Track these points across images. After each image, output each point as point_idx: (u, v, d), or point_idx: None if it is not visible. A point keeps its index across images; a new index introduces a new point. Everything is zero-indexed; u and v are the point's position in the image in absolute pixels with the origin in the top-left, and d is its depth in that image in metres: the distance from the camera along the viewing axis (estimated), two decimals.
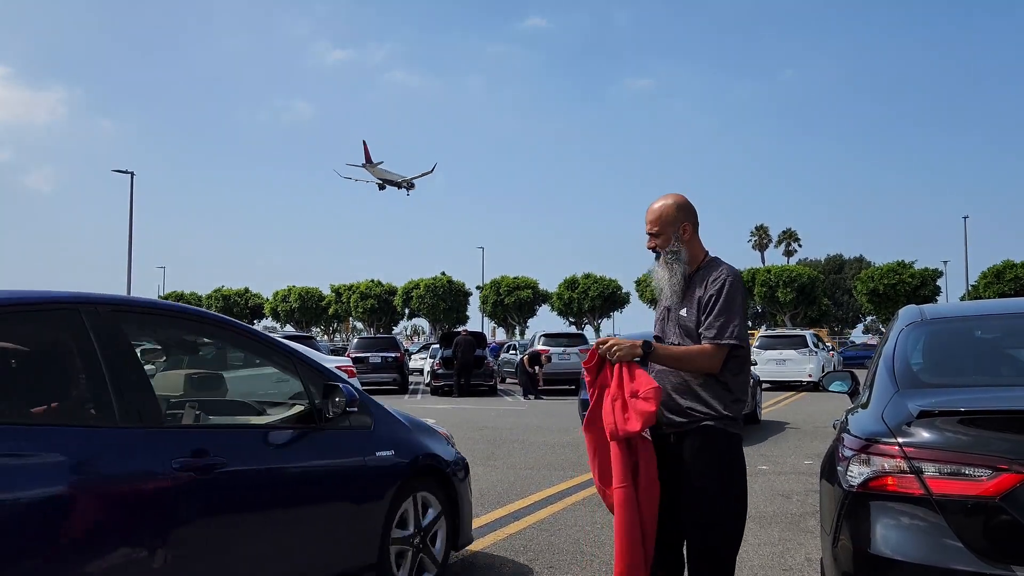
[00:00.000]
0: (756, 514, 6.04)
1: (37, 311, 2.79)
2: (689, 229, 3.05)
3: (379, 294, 60.05)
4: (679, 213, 3.04)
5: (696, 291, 2.96)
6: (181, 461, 2.82)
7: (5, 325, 2.66)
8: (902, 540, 2.51)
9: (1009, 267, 44.78)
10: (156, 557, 2.70)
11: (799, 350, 21.42)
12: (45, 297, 2.84)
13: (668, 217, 3.04)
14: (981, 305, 4.09)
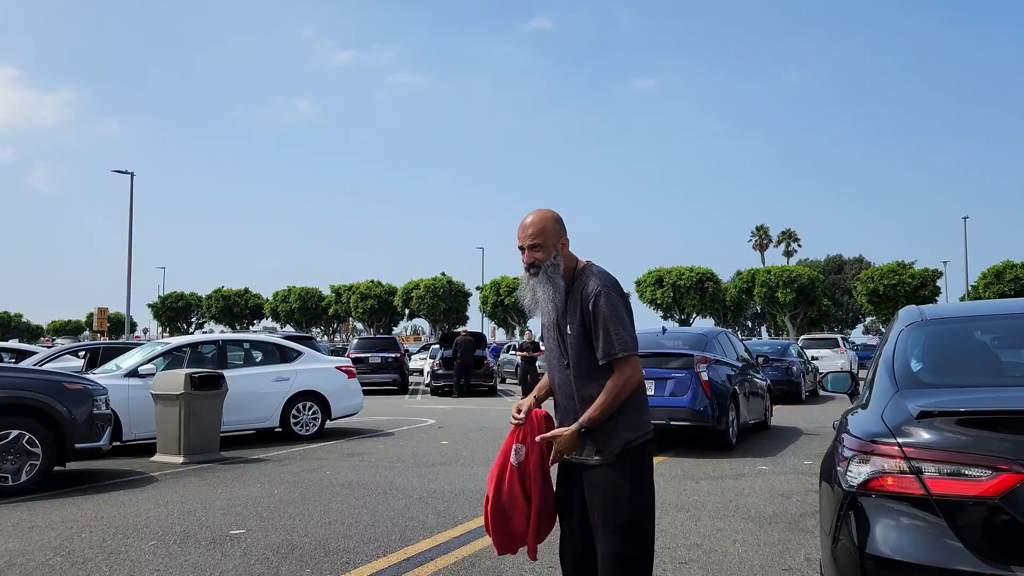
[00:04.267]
0: (756, 514, 6.04)
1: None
2: (567, 241, 3.01)
3: (379, 294, 60.02)
4: (557, 226, 2.98)
5: (577, 303, 2.92)
6: None
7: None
8: (902, 540, 2.51)
9: (1009, 267, 44.75)
10: None
11: (833, 349, 25.85)
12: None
13: (549, 230, 2.96)
14: (981, 306, 4.09)
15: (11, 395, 7.26)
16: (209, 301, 68.05)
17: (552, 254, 2.95)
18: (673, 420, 9.42)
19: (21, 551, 5.11)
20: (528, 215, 3.01)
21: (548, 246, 2.96)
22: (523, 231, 2.97)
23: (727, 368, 10.38)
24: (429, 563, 4.71)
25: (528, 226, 2.97)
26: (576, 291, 2.94)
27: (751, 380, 11.32)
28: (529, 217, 3.00)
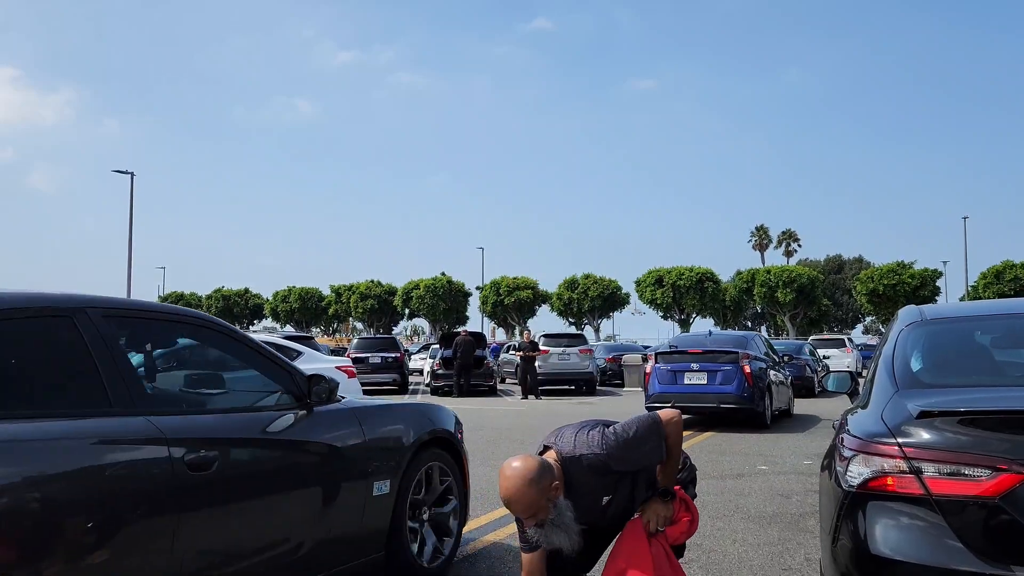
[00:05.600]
0: (756, 514, 6.04)
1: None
2: (558, 485, 2.82)
3: (379, 294, 60.04)
4: (539, 485, 2.73)
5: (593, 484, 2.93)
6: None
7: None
8: (902, 540, 2.51)
9: (1009, 267, 44.80)
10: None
11: (840, 349, 28.65)
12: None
13: (534, 499, 2.74)
14: (981, 305, 4.09)
15: None
16: (209, 301, 68.10)
17: (549, 508, 2.80)
18: (723, 403, 11.85)
19: None
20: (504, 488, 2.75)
21: (542, 508, 2.78)
22: (509, 508, 2.81)
23: (761, 363, 12.51)
24: None
25: (511, 505, 2.78)
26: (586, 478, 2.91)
27: (778, 374, 13.46)
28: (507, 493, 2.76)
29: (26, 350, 2.84)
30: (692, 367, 12.19)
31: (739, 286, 54.29)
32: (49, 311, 2.90)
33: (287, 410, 3.56)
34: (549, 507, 2.78)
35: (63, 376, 2.89)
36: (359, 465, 3.79)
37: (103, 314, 3.04)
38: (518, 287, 54.76)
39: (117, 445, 2.77)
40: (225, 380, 3.77)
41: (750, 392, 11.80)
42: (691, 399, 12.02)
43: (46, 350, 2.88)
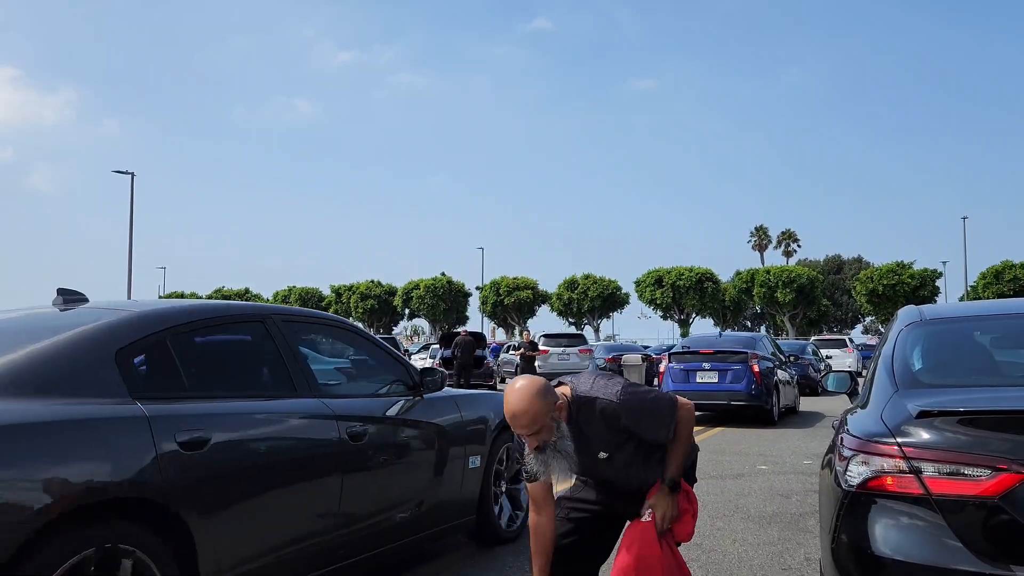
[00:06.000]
0: (756, 514, 6.05)
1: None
2: (562, 405, 2.82)
3: (379, 294, 60.08)
4: (545, 399, 2.73)
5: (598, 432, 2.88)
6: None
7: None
8: (901, 540, 2.51)
9: (1008, 267, 44.84)
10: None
11: (842, 349, 29.70)
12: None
13: (539, 412, 2.72)
14: (980, 305, 4.09)
15: None
16: None
17: (553, 428, 2.78)
18: (733, 401, 12.56)
19: None
20: (511, 401, 2.74)
21: (547, 426, 2.76)
22: (514, 423, 2.74)
23: (769, 362, 13.22)
24: (429, 563, 4.72)
25: (517, 416, 2.71)
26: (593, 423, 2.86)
27: (785, 373, 14.16)
28: (513, 405, 2.73)
29: (235, 347, 3.75)
30: (704, 366, 12.90)
31: (739, 286, 54.32)
32: (248, 317, 3.80)
33: (406, 396, 4.38)
34: (553, 427, 2.77)
35: (261, 366, 3.76)
36: (459, 442, 4.63)
37: (283, 319, 3.89)
38: (518, 287, 54.78)
39: (304, 419, 3.60)
40: (360, 370, 4.73)
41: (759, 390, 12.50)
42: (703, 397, 12.64)
43: (249, 347, 3.77)
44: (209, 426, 3.12)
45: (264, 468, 3.35)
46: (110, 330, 3.14)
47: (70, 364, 2.92)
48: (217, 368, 3.58)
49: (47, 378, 2.84)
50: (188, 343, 3.40)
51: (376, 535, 3.94)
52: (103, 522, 2.72)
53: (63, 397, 2.80)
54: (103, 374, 2.96)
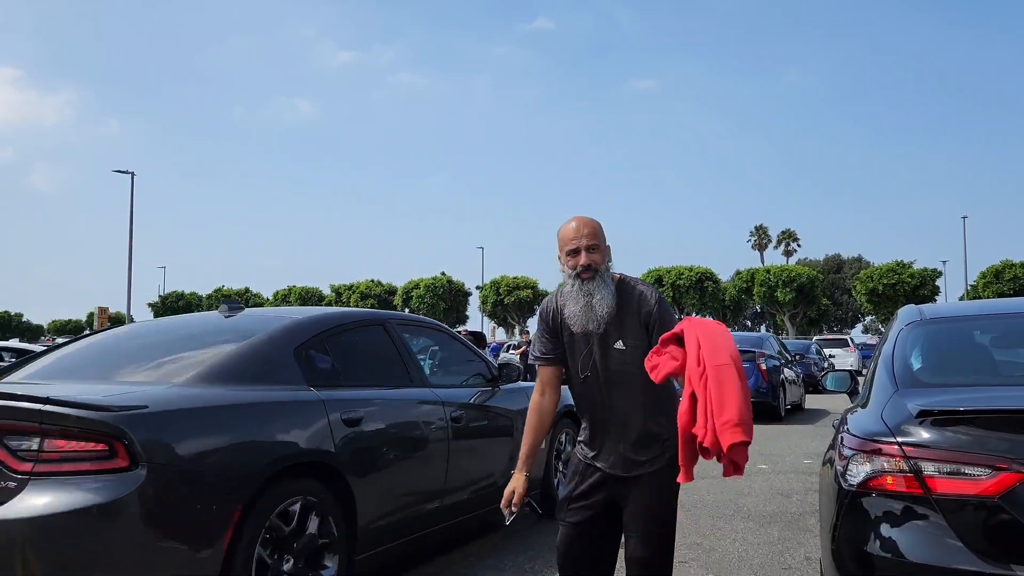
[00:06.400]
0: (756, 513, 6.05)
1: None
2: (610, 251, 2.82)
3: (379, 294, 60.10)
4: (603, 231, 2.80)
5: (635, 314, 2.75)
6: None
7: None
8: (901, 540, 2.52)
9: (1008, 267, 44.80)
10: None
11: (844, 348, 30.86)
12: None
13: (601, 233, 2.77)
14: (980, 305, 4.09)
15: None
16: (209, 300, 68.11)
17: (607, 259, 2.78)
18: None
19: None
20: (571, 219, 2.79)
21: (602, 250, 2.76)
22: (577, 232, 2.74)
23: (775, 361, 13.90)
24: (428, 563, 4.72)
25: (583, 226, 2.75)
26: (627, 302, 2.76)
27: (790, 371, 14.86)
28: (576, 220, 2.78)
29: (368, 345, 4.49)
30: None
31: (739, 286, 54.30)
32: (373, 321, 4.61)
33: (487, 387, 5.13)
34: (608, 253, 2.77)
35: (386, 361, 4.50)
36: None
37: (397, 323, 4.77)
38: (518, 286, 54.78)
39: (421, 405, 4.41)
40: (452, 365, 5.36)
41: (766, 388, 13.17)
42: None
43: (377, 345, 4.52)
44: (360, 408, 3.93)
45: (397, 442, 4.14)
46: (288, 332, 3.94)
47: (266, 359, 3.75)
48: (358, 362, 4.39)
49: (253, 370, 3.64)
50: (338, 342, 4.23)
51: (463, 504, 4.66)
52: (300, 479, 3.50)
53: (265, 384, 3.61)
54: (288, 367, 3.78)
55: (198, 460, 3.10)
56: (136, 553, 2.86)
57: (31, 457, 2.84)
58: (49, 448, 2.85)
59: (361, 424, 3.86)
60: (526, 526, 5.54)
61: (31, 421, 2.85)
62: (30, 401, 2.88)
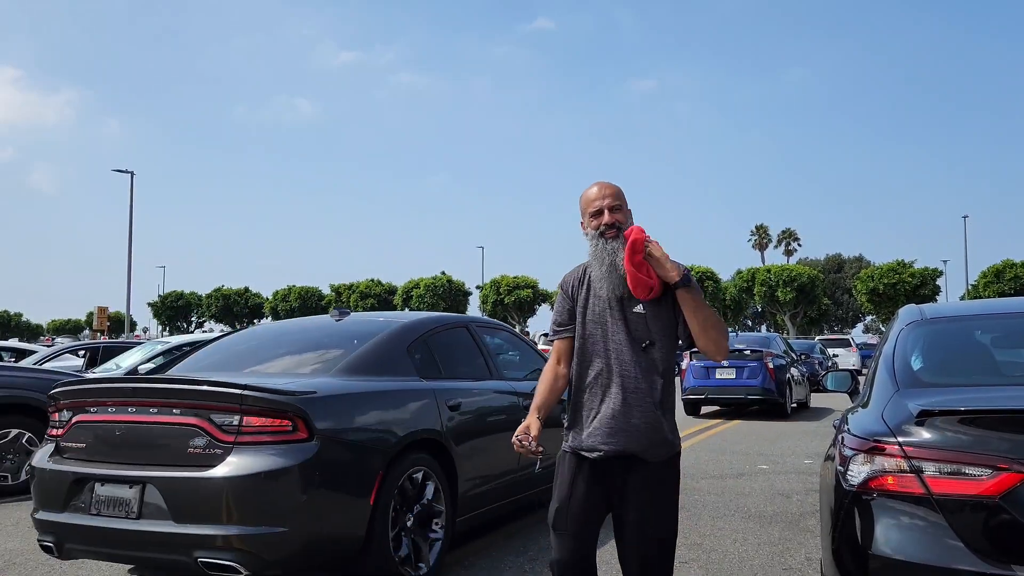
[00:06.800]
0: (756, 513, 6.04)
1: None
2: (632, 216, 2.80)
3: (379, 293, 60.15)
4: (625, 196, 2.81)
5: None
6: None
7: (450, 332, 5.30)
8: (902, 540, 2.51)
9: (1009, 267, 44.75)
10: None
11: (846, 348, 31.78)
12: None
13: (623, 196, 2.79)
14: (981, 305, 4.09)
15: (11, 394, 7.27)
16: (209, 300, 68.12)
17: (629, 220, 2.76)
18: (750, 395, 13.79)
19: (21, 551, 5.10)
20: (593, 185, 2.81)
21: (626, 210, 2.77)
22: (599, 193, 2.75)
23: (782, 360, 14.34)
24: None
25: (605, 187, 2.77)
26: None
27: (796, 370, 15.25)
28: (597, 184, 2.80)
29: (458, 343, 5.25)
30: (723, 364, 13.79)
31: (739, 285, 54.28)
32: (459, 324, 5.43)
33: None
34: (629, 215, 2.76)
35: (472, 357, 5.24)
36: None
37: (477, 325, 5.60)
38: (518, 286, 54.78)
39: (501, 395, 5.18)
40: (518, 360, 6.05)
41: (774, 385, 13.66)
42: (722, 391, 13.98)
43: (464, 344, 5.30)
44: (458, 396, 4.69)
45: (487, 425, 4.91)
46: (401, 333, 4.78)
47: (388, 355, 4.58)
48: (451, 357, 5.09)
49: (380, 364, 4.48)
50: (436, 341, 5.00)
51: (524, 483, 5.28)
52: (419, 452, 4.28)
53: (390, 376, 4.46)
54: (403, 362, 4.61)
55: (353, 434, 3.96)
56: (312, 503, 3.67)
57: (233, 431, 3.62)
58: (247, 424, 3.63)
59: (460, 409, 4.64)
60: (527, 527, 5.53)
61: (233, 403, 3.64)
62: (232, 388, 3.66)
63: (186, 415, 3.69)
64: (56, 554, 3.96)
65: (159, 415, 3.75)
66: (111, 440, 3.85)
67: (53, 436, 4.10)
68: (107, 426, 3.87)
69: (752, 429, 11.95)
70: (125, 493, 3.68)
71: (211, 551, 3.51)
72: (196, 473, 3.58)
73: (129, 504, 3.66)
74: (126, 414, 3.82)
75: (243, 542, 3.50)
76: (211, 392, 3.71)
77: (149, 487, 3.63)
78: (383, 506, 3.95)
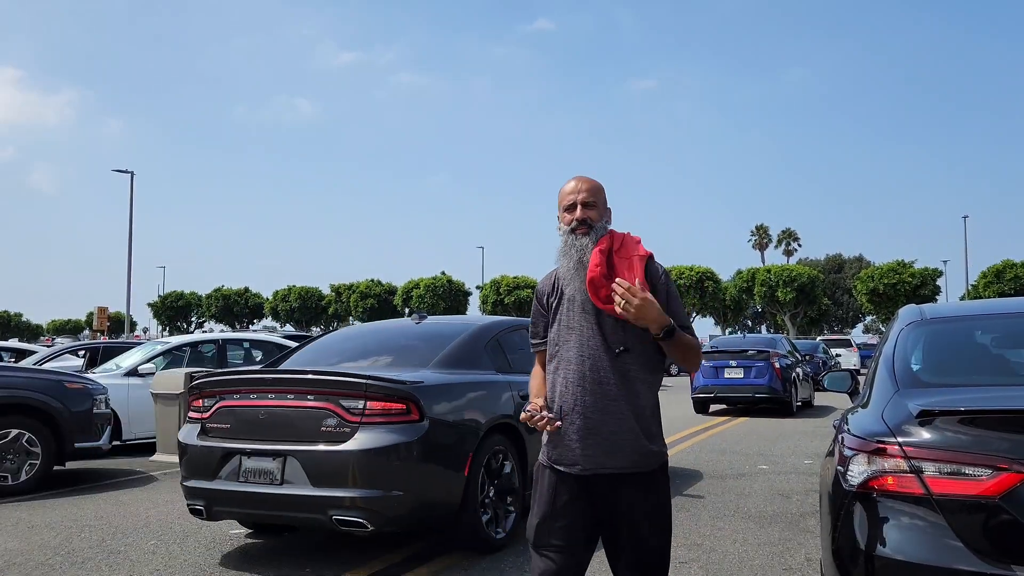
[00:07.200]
0: (756, 514, 6.04)
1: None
2: (610, 214, 2.69)
3: (379, 293, 60.10)
4: (605, 194, 2.69)
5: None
6: None
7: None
8: (902, 540, 2.50)
9: (1009, 267, 44.73)
10: None
11: (847, 348, 32.73)
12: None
13: (600, 192, 2.67)
14: (981, 305, 4.09)
15: (11, 394, 7.27)
16: (209, 300, 68.10)
17: (604, 218, 2.65)
18: (757, 394, 14.36)
19: (21, 551, 5.10)
20: (572, 178, 2.68)
21: (601, 208, 2.64)
22: (574, 188, 2.63)
23: (788, 360, 15.03)
24: (427, 563, 4.71)
25: (581, 183, 2.64)
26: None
27: (801, 370, 15.82)
28: (575, 178, 2.67)
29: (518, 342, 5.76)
30: (731, 364, 14.56)
31: (739, 285, 54.26)
32: (520, 326, 5.97)
33: None
34: (604, 217, 2.63)
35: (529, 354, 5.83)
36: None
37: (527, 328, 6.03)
38: (518, 286, 54.77)
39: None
40: None
41: (780, 384, 14.27)
42: (730, 390, 14.59)
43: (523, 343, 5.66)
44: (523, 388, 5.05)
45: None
46: (479, 333, 5.59)
47: (471, 352, 5.37)
48: (515, 354, 5.67)
49: (466, 359, 5.27)
50: (504, 340, 5.72)
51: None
52: (499, 435, 5.04)
53: (473, 369, 5.24)
54: (483, 358, 5.40)
55: (452, 417, 4.74)
56: (421, 473, 4.47)
57: (359, 413, 4.43)
58: (370, 408, 4.44)
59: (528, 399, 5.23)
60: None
61: (359, 390, 4.46)
62: (358, 378, 4.51)
63: (319, 400, 4.50)
64: (204, 516, 4.76)
65: (295, 400, 4.56)
66: (254, 421, 4.65)
67: (196, 419, 4.92)
68: (250, 410, 4.69)
69: (752, 429, 11.95)
70: (269, 464, 4.47)
71: (343, 510, 4.30)
72: (330, 447, 4.38)
73: (273, 473, 4.45)
74: (266, 400, 4.66)
75: (368, 503, 4.29)
76: (340, 382, 4.52)
77: (290, 459, 4.42)
78: (474, 478, 4.72)
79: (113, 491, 7.25)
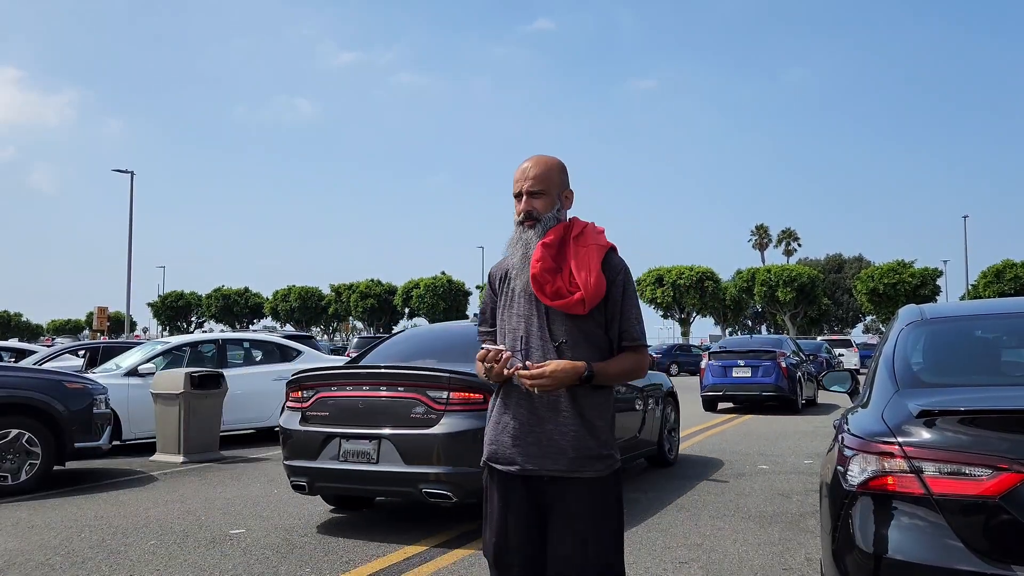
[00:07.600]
0: (756, 514, 6.04)
1: None
2: (571, 196, 2.49)
3: (379, 293, 60.08)
4: (562, 175, 2.47)
5: None
6: None
7: None
8: (902, 540, 2.50)
9: (1009, 267, 44.75)
10: None
11: (848, 348, 33.63)
12: None
13: (554, 178, 2.43)
14: (981, 305, 4.08)
15: (11, 394, 7.27)
16: (209, 300, 68.09)
17: (555, 206, 2.43)
18: (764, 392, 15.04)
19: (21, 551, 5.10)
20: (532, 158, 2.47)
21: (551, 195, 2.43)
22: (522, 175, 2.44)
23: (793, 359, 15.72)
24: (428, 563, 4.71)
25: (530, 168, 2.43)
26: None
27: (805, 369, 16.54)
28: (529, 160, 2.46)
29: None
30: (739, 363, 15.33)
31: (739, 285, 54.26)
32: None
33: None
34: (554, 205, 2.43)
35: None
36: (650, 400, 7.83)
37: None
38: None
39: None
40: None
41: (786, 383, 14.96)
42: (738, 389, 15.30)
43: None
44: None
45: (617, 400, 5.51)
46: None
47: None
48: None
49: None
50: None
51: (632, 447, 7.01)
52: None
53: None
54: None
55: None
56: None
57: (443, 402, 5.12)
58: (453, 398, 5.10)
59: None
60: None
61: (443, 383, 5.13)
62: (443, 372, 5.17)
63: (408, 391, 5.21)
64: (306, 491, 5.52)
65: (387, 391, 5.29)
66: (351, 409, 5.35)
67: (296, 408, 5.62)
68: (347, 400, 5.39)
69: (752, 429, 11.95)
70: (366, 446, 5.20)
71: (431, 484, 5.04)
72: (420, 431, 5.09)
73: (370, 454, 5.17)
74: (361, 391, 5.37)
75: (452, 478, 4.99)
76: (427, 375, 5.24)
77: (384, 441, 5.15)
78: None
79: (113, 491, 7.25)
